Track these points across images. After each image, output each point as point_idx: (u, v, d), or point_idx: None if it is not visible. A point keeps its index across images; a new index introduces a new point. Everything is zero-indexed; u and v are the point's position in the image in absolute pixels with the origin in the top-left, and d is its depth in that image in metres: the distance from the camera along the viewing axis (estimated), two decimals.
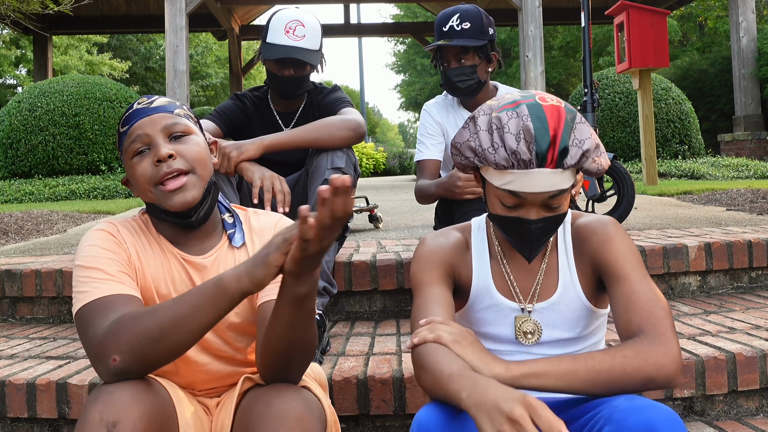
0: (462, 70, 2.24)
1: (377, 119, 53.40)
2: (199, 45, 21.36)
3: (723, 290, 2.43)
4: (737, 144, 8.85)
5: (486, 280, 1.29)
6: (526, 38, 7.27)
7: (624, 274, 1.18)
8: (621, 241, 1.22)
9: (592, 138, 1.16)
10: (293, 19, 2.10)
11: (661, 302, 1.13)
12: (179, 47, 7.29)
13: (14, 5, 4.93)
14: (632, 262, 1.19)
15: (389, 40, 30.19)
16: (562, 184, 1.15)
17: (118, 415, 1.00)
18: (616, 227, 1.25)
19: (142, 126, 1.21)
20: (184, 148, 1.21)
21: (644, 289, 1.15)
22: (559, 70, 19.12)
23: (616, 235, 1.23)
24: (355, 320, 2.28)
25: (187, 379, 1.26)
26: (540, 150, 1.12)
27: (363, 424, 1.66)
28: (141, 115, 1.22)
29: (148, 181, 1.20)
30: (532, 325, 1.25)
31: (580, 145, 1.14)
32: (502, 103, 1.19)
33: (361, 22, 18.31)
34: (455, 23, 2.21)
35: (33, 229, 3.80)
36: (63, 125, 7.04)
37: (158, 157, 1.18)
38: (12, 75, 18.97)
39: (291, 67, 2.12)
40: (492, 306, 1.28)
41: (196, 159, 1.22)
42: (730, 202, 4.06)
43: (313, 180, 1.99)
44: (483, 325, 1.30)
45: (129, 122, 1.23)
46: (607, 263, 1.21)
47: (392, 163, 15.60)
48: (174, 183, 1.18)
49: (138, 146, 1.21)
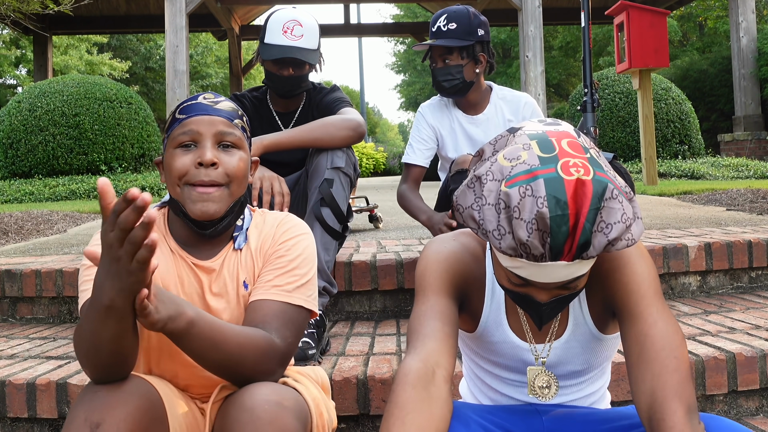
0: (447, 70, 2.26)
1: (377, 119, 53.41)
2: (199, 45, 21.36)
3: (723, 290, 2.44)
4: (737, 144, 8.85)
5: (498, 314, 1.15)
6: (526, 38, 7.27)
7: (638, 312, 1.03)
8: (637, 266, 1.06)
9: (625, 215, 0.93)
10: (291, 19, 2.10)
11: (678, 349, 1.00)
12: (179, 47, 7.29)
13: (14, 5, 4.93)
14: (649, 295, 1.04)
15: (389, 40, 30.22)
16: (579, 272, 0.97)
17: (102, 416, 1.00)
18: (634, 252, 1.08)
19: (198, 123, 1.20)
20: (228, 160, 1.20)
21: (661, 331, 1.01)
22: (559, 70, 19.14)
23: (632, 257, 1.07)
24: (355, 320, 2.28)
25: (186, 381, 1.26)
26: (556, 244, 0.91)
27: (363, 424, 1.66)
28: (201, 111, 1.21)
29: (181, 176, 1.18)
30: (547, 379, 1.14)
31: (606, 233, 0.92)
32: (515, 171, 0.95)
33: (361, 22, 18.32)
34: (442, 23, 2.24)
35: (33, 229, 3.80)
36: (63, 125, 7.04)
37: (202, 160, 1.17)
38: (12, 75, 18.97)
39: (290, 67, 2.12)
40: (503, 342, 1.16)
41: (235, 175, 1.21)
42: (730, 202, 4.06)
43: (312, 180, 1.99)
44: (495, 355, 1.19)
45: (188, 113, 1.21)
46: (619, 297, 1.05)
47: (392, 163, 15.62)
48: (205, 189, 1.18)
49: (186, 139, 1.19)
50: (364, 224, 3.81)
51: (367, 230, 3.57)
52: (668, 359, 0.98)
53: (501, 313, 1.15)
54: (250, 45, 19.49)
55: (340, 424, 1.66)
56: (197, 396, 1.28)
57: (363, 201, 3.84)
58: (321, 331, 1.83)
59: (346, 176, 1.99)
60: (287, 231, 1.28)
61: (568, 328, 1.13)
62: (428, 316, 1.08)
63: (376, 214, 3.71)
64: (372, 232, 3.48)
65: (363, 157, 13.05)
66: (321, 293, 1.93)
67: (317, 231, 1.93)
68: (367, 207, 3.70)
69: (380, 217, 3.76)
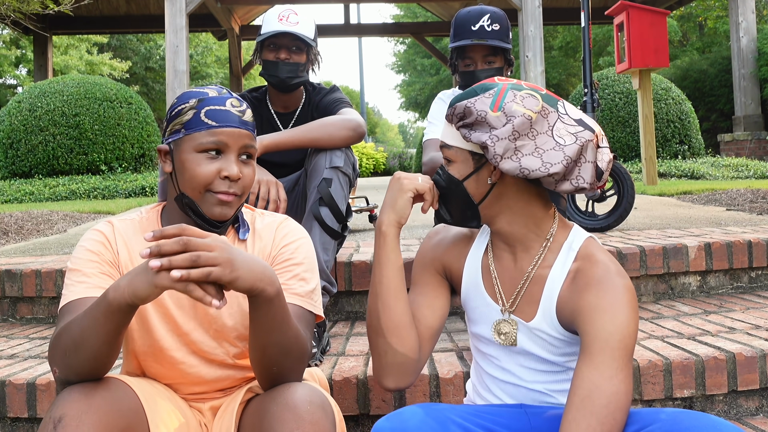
0: (489, 73, 2.15)
1: (377, 119, 53.40)
2: (199, 45, 21.35)
3: (723, 290, 2.44)
4: (737, 144, 8.85)
5: (476, 277, 1.27)
6: (526, 38, 7.27)
7: (599, 361, 1.03)
8: (617, 317, 1.06)
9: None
10: (286, 9, 2.15)
11: (621, 411, 1.01)
12: (179, 47, 7.30)
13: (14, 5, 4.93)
14: (619, 348, 1.04)
15: (389, 40, 30.22)
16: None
17: (64, 410, 1.01)
18: (625, 296, 1.08)
19: (228, 134, 1.19)
20: (247, 173, 1.23)
21: (610, 391, 1.01)
22: (559, 70, 19.13)
23: (617, 307, 1.07)
24: (355, 320, 2.28)
25: (174, 380, 1.26)
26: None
27: (363, 424, 1.66)
28: (232, 123, 1.20)
29: (203, 183, 1.18)
30: (508, 326, 1.21)
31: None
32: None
33: (361, 22, 18.33)
34: (486, 23, 2.13)
35: (33, 229, 3.80)
36: (63, 125, 7.04)
37: (229, 174, 1.18)
38: (12, 75, 18.97)
39: (285, 49, 2.13)
40: (481, 306, 1.26)
41: (249, 186, 1.24)
42: (730, 202, 4.06)
43: (311, 180, 1.99)
44: (473, 324, 1.29)
45: (218, 121, 1.19)
46: (587, 333, 1.07)
47: (392, 163, 15.61)
48: (227, 197, 1.19)
49: (212, 147, 1.19)
50: (364, 224, 3.81)
51: (367, 230, 3.57)
52: (607, 418, 0.99)
53: (478, 276, 1.27)
54: (250, 45, 19.47)
55: None
56: (189, 396, 1.27)
57: (363, 201, 3.84)
58: (321, 331, 1.83)
59: (344, 176, 1.99)
60: (287, 234, 1.29)
61: (537, 317, 1.19)
62: (416, 302, 1.29)
63: (376, 214, 3.71)
64: (372, 232, 3.48)
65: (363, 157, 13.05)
66: (321, 293, 1.93)
67: (316, 231, 1.93)
68: (367, 207, 3.71)
69: None
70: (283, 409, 1.06)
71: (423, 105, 24.42)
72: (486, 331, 1.25)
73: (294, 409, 1.06)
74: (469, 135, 1.15)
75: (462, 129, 1.17)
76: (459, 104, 1.17)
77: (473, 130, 1.15)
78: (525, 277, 1.21)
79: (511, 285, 1.23)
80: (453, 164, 1.21)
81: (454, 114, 1.18)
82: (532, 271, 1.20)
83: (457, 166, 1.20)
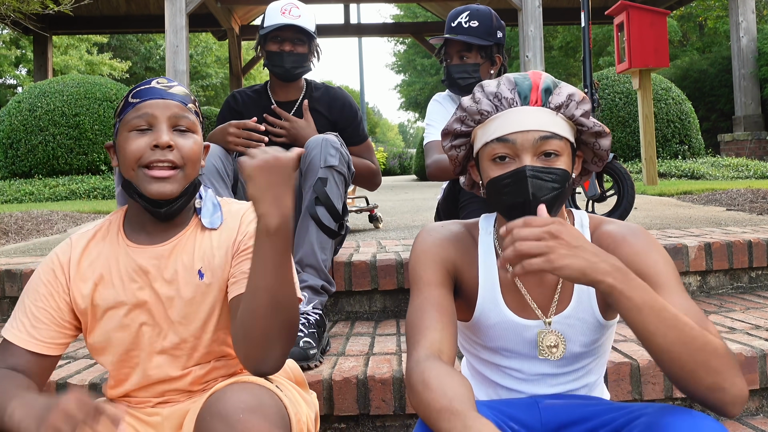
0: (464, 68, 2.24)
1: (377, 119, 53.40)
2: (199, 45, 21.37)
3: (723, 290, 2.43)
4: (737, 144, 8.85)
5: (494, 293, 1.16)
6: (526, 38, 7.27)
7: (673, 289, 1.05)
8: (660, 254, 1.10)
9: (577, 91, 1.13)
10: (288, 2, 2.21)
11: (706, 322, 1.01)
12: (179, 47, 7.29)
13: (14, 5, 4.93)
14: (675, 279, 1.07)
15: (389, 40, 30.24)
16: (552, 127, 1.08)
17: None
18: (651, 237, 1.13)
19: (153, 106, 1.20)
20: (184, 143, 1.21)
21: (693, 308, 1.03)
22: (559, 70, 19.13)
23: (653, 245, 1.11)
24: (355, 320, 2.28)
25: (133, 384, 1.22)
26: (522, 89, 1.10)
27: (363, 424, 1.66)
28: (156, 95, 1.21)
29: (136, 159, 1.18)
30: (554, 338, 1.14)
31: (561, 91, 1.11)
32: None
33: (361, 22, 18.31)
34: (464, 20, 2.24)
35: (33, 229, 3.80)
36: (63, 125, 7.04)
37: (158, 142, 1.17)
38: (12, 75, 18.97)
39: (289, 41, 2.20)
40: (501, 322, 1.16)
41: (190, 157, 1.21)
42: (730, 202, 4.06)
43: (307, 179, 2.00)
44: (493, 340, 1.18)
45: (141, 96, 1.21)
46: (647, 274, 1.07)
47: (392, 163, 15.62)
48: (160, 172, 1.18)
49: (140, 123, 1.19)
50: (364, 224, 3.81)
51: (367, 230, 3.57)
52: (712, 328, 1.00)
53: (496, 292, 1.16)
54: (250, 45, 19.48)
55: (340, 423, 1.66)
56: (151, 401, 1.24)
57: (363, 201, 3.84)
58: (321, 331, 1.83)
59: (339, 174, 2.00)
60: (254, 221, 1.22)
61: (572, 303, 1.14)
62: (425, 309, 1.10)
63: (376, 214, 3.72)
64: (372, 232, 3.48)
65: None
66: (320, 292, 1.93)
67: (313, 230, 1.93)
68: (367, 207, 3.71)
69: (380, 217, 3.76)
70: (214, 419, 1.02)
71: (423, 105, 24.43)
72: (513, 346, 1.16)
73: (225, 418, 1.01)
74: (587, 120, 1.13)
75: (582, 116, 1.13)
76: (575, 90, 1.13)
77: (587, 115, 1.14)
78: (558, 282, 1.15)
79: (543, 292, 1.15)
80: (560, 157, 1.11)
81: (573, 100, 1.12)
82: None
83: (564, 159, 1.11)
